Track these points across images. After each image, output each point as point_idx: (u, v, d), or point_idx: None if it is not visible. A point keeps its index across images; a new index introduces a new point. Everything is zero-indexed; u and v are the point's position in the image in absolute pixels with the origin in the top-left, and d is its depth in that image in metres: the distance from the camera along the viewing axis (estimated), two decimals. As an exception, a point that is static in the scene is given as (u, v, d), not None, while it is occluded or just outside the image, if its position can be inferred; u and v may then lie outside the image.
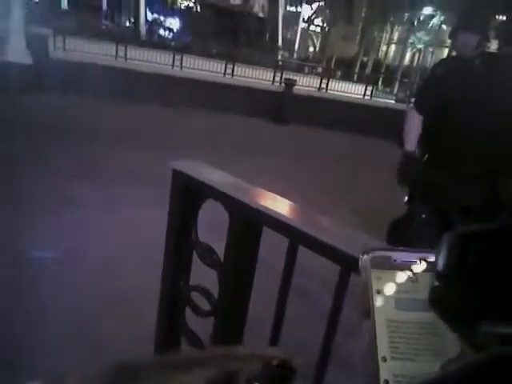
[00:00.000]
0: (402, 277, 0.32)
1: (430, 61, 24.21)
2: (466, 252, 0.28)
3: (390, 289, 0.31)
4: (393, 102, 14.95)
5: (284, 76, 12.56)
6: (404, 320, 0.31)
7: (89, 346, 2.25)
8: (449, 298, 0.29)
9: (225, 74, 12.81)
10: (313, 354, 1.20)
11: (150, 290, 1.83)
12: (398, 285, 0.31)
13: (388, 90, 19.99)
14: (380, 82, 19.68)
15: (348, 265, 1.12)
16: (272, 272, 1.50)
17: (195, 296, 1.65)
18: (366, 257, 0.32)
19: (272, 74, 13.37)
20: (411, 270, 0.32)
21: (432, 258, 0.32)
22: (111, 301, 2.66)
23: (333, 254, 1.13)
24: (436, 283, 0.29)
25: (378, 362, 0.29)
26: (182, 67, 12.51)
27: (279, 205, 1.33)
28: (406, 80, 20.49)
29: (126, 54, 11.88)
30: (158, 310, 1.74)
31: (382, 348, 0.30)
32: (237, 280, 1.47)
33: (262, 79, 13.21)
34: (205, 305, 1.59)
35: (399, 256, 0.32)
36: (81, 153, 5.50)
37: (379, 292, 0.31)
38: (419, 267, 0.32)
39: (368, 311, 0.31)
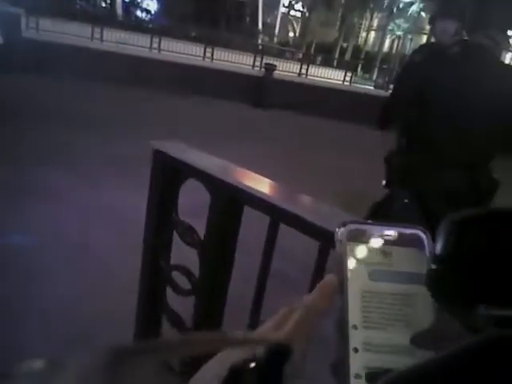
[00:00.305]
0: (376, 250, 0.32)
1: (409, 47, 24.41)
2: (465, 235, 0.28)
3: (364, 261, 0.32)
4: (372, 87, 15.06)
5: (264, 61, 12.48)
6: (378, 291, 0.31)
7: (66, 329, 2.24)
8: (446, 280, 0.29)
9: (204, 57, 12.64)
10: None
11: (130, 273, 1.83)
12: (373, 258, 0.32)
13: (367, 76, 20.12)
14: (359, 68, 19.77)
15: (327, 240, 1.14)
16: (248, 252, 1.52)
17: (176, 276, 1.66)
18: (342, 229, 0.33)
19: (252, 59, 13.26)
20: (386, 244, 0.32)
21: (407, 232, 0.33)
22: (90, 286, 2.64)
23: (313, 231, 1.16)
24: (434, 266, 0.29)
25: (348, 330, 0.30)
26: (160, 50, 12.27)
27: (260, 183, 1.35)
28: (385, 66, 20.63)
29: (102, 36, 11.57)
30: (138, 290, 1.74)
31: (354, 317, 0.30)
32: (217, 259, 1.48)
33: (242, 63, 13.09)
34: (186, 284, 1.60)
35: (375, 230, 0.33)
36: (51, 136, 5.35)
37: (354, 264, 0.32)
38: (394, 241, 0.32)
39: (342, 281, 0.31)
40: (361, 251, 0.32)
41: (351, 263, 0.32)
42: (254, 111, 10.14)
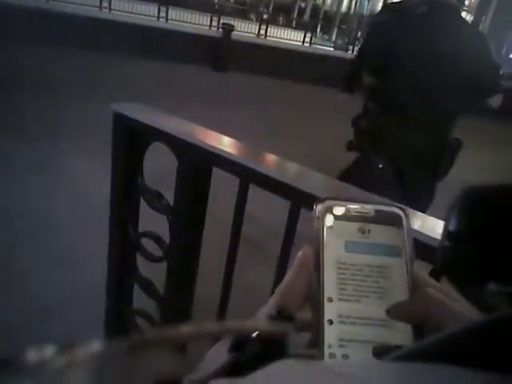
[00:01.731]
0: (354, 227, 0.32)
1: (367, 7, 24.26)
2: (478, 212, 0.28)
3: (341, 237, 0.32)
4: (331, 49, 14.98)
5: (222, 21, 12.05)
6: (353, 262, 0.31)
7: (34, 306, 2.18)
8: (458, 257, 0.28)
9: (158, 17, 12.02)
10: (262, 295, 1.25)
11: (97, 244, 1.78)
12: (350, 234, 0.32)
13: (327, 36, 19.94)
14: (318, 29, 19.52)
15: (298, 200, 1.15)
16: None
17: (146, 242, 1.63)
18: (319, 206, 0.32)
19: (209, 19, 12.78)
20: (364, 221, 0.32)
21: (385, 210, 0.33)
22: (55, 259, 2.57)
23: (283, 190, 1.16)
24: (446, 243, 0.29)
25: (323, 302, 0.30)
26: (110, 9, 11.55)
27: (228, 145, 1.32)
28: (344, 27, 20.48)
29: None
30: (107, 259, 1.71)
31: (329, 289, 0.30)
32: (188, 223, 1.46)
33: (199, 24, 12.59)
34: (156, 251, 1.58)
35: (353, 207, 0.33)
36: (10, 105, 5.02)
37: (330, 239, 0.31)
38: (371, 218, 0.32)
39: (318, 255, 0.31)
40: (338, 228, 0.32)
41: (328, 239, 0.31)
42: (213, 74, 9.89)
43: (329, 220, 0.32)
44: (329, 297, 0.30)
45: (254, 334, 0.29)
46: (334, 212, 0.32)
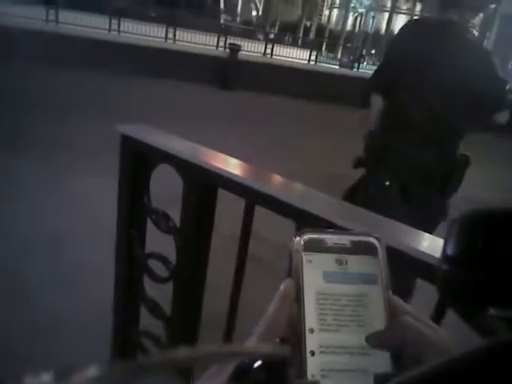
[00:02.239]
0: (331, 258, 0.33)
1: (372, 25, 24.57)
2: (476, 235, 0.27)
3: (320, 268, 0.33)
4: (337, 67, 15.13)
5: (228, 41, 12.26)
6: (332, 292, 0.32)
7: (40, 323, 2.18)
8: (457, 281, 0.28)
9: (166, 38, 12.29)
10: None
11: (104, 264, 1.79)
12: (328, 266, 0.33)
13: (332, 55, 20.16)
14: (324, 48, 19.77)
15: (303, 220, 1.15)
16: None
17: (152, 263, 1.63)
18: (297, 239, 0.33)
19: (216, 39, 13.01)
20: (341, 253, 0.33)
21: (361, 240, 0.34)
22: (62, 278, 2.57)
23: (288, 211, 1.16)
24: (445, 266, 0.29)
25: (305, 333, 0.30)
26: (119, 32, 11.83)
27: (233, 166, 1.33)
28: (349, 45, 20.72)
29: (57, 18, 11.02)
30: (114, 280, 1.71)
31: (310, 320, 0.31)
32: (194, 244, 1.47)
33: (206, 44, 12.83)
34: (162, 271, 1.58)
35: (331, 239, 0.34)
36: (15, 124, 5.12)
37: (309, 271, 0.32)
38: (348, 249, 0.33)
39: (298, 286, 0.32)
40: (316, 260, 0.33)
41: (307, 270, 0.32)
42: (221, 93, 10.01)
43: (307, 252, 0.33)
44: (310, 328, 0.31)
45: (257, 364, 0.29)
46: (312, 244, 0.33)
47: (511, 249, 0.26)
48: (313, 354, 0.30)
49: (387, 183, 2.07)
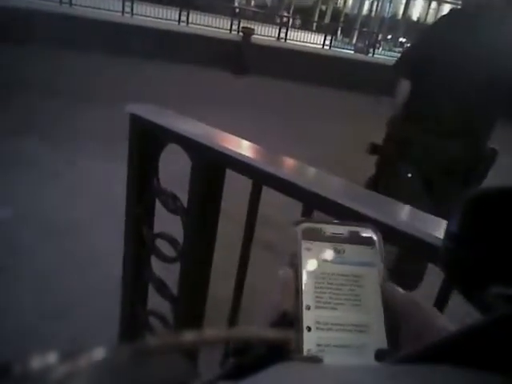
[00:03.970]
0: (329, 247, 0.34)
1: (388, 10, 24.04)
2: (480, 213, 0.28)
3: (317, 256, 0.33)
4: (352, 52, 14.88)
5: (241, 24, 12.13)
6: (330, 271, 0.33)
7: (52, 304, 2.22)
8: (460, 259, 0.29)
9: (179, 21, 12.20)
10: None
11: (115, 246, 1.80)
12: (326, 254, 0.34)
13: (347, 39, 19.82)
14: (339, 32, 19.43)
15: (310, 202, 1.14)
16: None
17: (160, 243, 1.64)
18: (297, 227, 0.34)
19: (229, 23, 12.88)
20: (338, 242, 0.34)
21: (359, 231, 0.35)
22: (73, 260, 2.61)
23: (296, 193, 1.14)
24: (448, 244, 0.30)
25: (302, 310, 0.31)
26: (132, 14, 11.77)
27: (241, 147, 1.32)
28: (364, 30, 20.33)
29: (70, 1, 11.01)
30: (123, 260, 1.72)
31: (307, 298, 0.32)
32: (201, 224, 1.47)
33: (219, 27, 12.71)
34: (170, 252, 1.59)
35: (329, 228, 0.35)
36: (31, 108, 5.16)
37: (308, 259, 0.33)
38: (346, 239, 0.34)
39: (297, 275, 0.33)
40: (314, 248, 0.34)
41: (305, 257, 0.33)
42: (233, 77, 9.94)
43: (305, 240, 0.34)
44: (307, 305, 0.32)
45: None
46: (310, 233, 0.34)
47: None
48: (309, 329, 0.31)
49: (409, 175, 2.03)
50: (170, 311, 1.67)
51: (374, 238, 0.35)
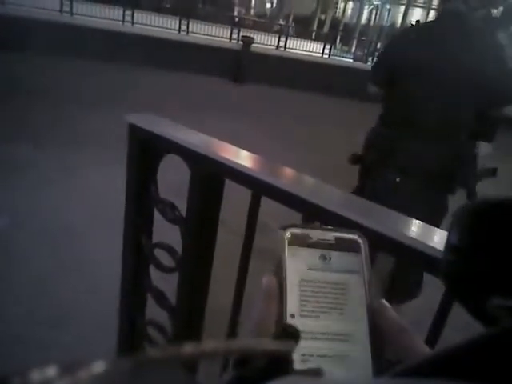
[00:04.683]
0: (315, 253, 0.33)
1: (387, 18, 24.22)
2: (481, 225, 0.28)
3: (303, 262, 0.33)
4: (351, 60, 14.96)
5: (241, 33, 12.20)
6: (315, 279, 0.33)
7: (47, 311, 2.21)
8: (461, 271, 0.28)
9: (179, 30, 12.27)
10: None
11: (113, 252, 1.80)
12: (312, 261, 0.33)
13: (346, 48, 19.93)
14: (338, 41, 19.54)
15: (310, 213, 1.14)
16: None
17: (159, 253, 1.64)
18: (283, 232, 0.34)
19: (229, 32, 12.95)
20: (325, 249, 0.34)
21: (345, 237, 0.34)
22: (70, 267, 2.60)
23: (295, 203, 1.14)
24: (449, 256, 0.29)
25: (286, 319, 0.31)
26: (133, 23, 11.84)
27: (241, 157, 1.32)
28: (363, 38, 20.46)
29: (71, 9, 11.07)
30: (121, 269, 1.72)
31: (292, 306, 0.31)
32: (200, 234, 1.46)
33: (219, 36, 12.78)
34: (169, 261, 1.58)
35: (315, 234, 0.34)
36: (28, 114, 5.17)
37: (293, 265, 0.33)
38: (332, 246, 0.34)
39: (281, 277, 0.32)
40: (300, 254, 0.33)
41: (290, 263, 0.33)
42: (233, 86, 9.99)
43: (291, 247, 0.33)
44: (291, 313, 0.31)
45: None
46: (296, 239, 0.34)
47: None
48: None
49: (398, 179, 2.03)
50: (168, 321, 1.65)
51: (361, 244, 0.34)
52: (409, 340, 0.31)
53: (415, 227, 1.03)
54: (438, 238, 0.96)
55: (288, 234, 0.34)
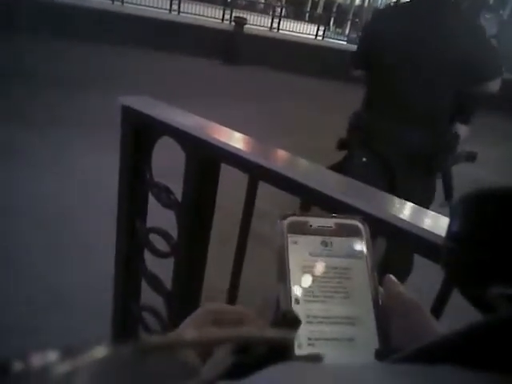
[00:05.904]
0: (316, 240, 0.34)
1: (381, 0, 23.91)
2: (482, 213, 0.28)
3: (305, 249, 0.33)
4: (344, 42, 14.81)
5: (234, 14, 11.98)
6: (318, 265, 0.33)
7: (43, 295, 2.19)
8: (461, 259, 0.29)
9: (170, 10, 12.01)
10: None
11: (107, 239, 1.77)
12: (313, 247, 0.33)
13: (340, 30, 19.70)
14: (332, 23, 19.29)
15: (308, 197, 1.12)
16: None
17: (154, 238, 1.61)
18: (283, 221, 0.34)
19: (221, 12, 12.72)
20: (326, 235, 0.34)
21: (346, 223, 0.35)
22: (65, 252, 2.58)
23: (292, 187, 1.12)
24: (450, 244, 0.29)
25: (290, 305, 0.31)
26: (123, 2, 11.56)
27: (236, 140, 1.29)
28: (357, 20, 20.21)
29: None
30: (115, 254, 1.70)
31: (296, 292, 0.32)
32: (196, 218, 1.44)
33: (211, 17, 12.55)
34: (163, 246, 1.57)
35: (315, 221, 0.34)
36: (21, 97, 5.05)
37: (295, 252, 0.33)
38: (333, 231, 0.34)
39: (284, 269, 0.32)
40: (301, 241, 0.33)
41: (292, 251, 0.33)
42: (225, 68, 9.84)
43: (292, 234, 0.34)
44: (296, 299, 0.31)
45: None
46: (297, 227, 0.34)
47: None
48: None
49: (364, 159, 2.02)
50: (163, 306, 1.65)
51: (361, 229, 0.35)
52: (420, 316, 0.31)
53: (412, 211, 1.02)
54: (430, 221, 0.95)
55: (288, 222, 0.34)
